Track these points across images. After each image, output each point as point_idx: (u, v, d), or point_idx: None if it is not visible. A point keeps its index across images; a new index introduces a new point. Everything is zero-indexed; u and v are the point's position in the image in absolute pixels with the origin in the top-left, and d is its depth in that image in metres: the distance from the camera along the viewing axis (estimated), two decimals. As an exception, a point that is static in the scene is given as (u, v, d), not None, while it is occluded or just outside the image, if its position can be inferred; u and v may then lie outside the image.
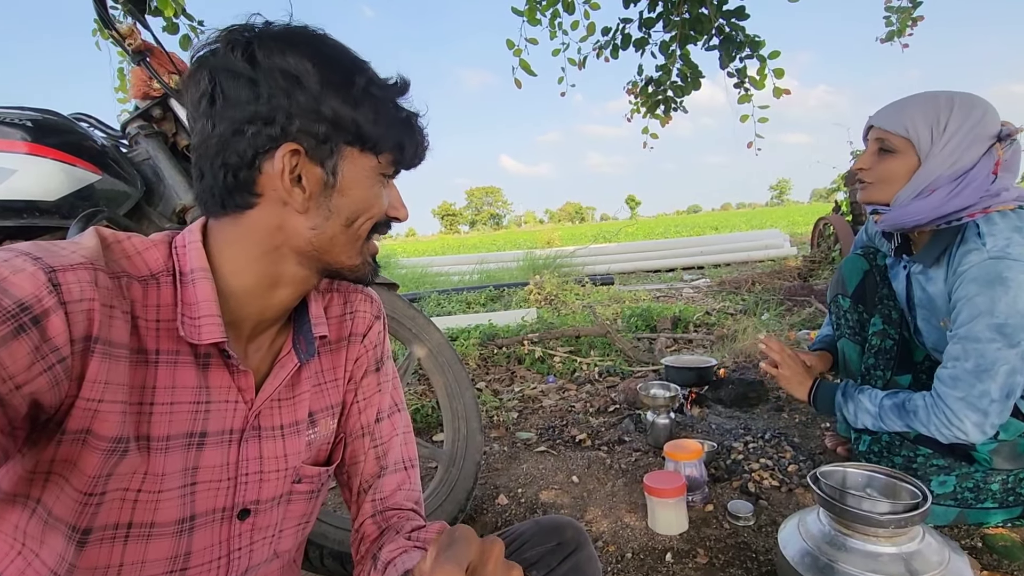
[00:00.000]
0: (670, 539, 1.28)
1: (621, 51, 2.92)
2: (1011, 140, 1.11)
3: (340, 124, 0.53)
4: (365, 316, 0.72)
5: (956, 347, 1.11)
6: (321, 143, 0.53)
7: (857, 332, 1.44)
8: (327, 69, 0.52)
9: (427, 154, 0.63)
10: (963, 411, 1.09)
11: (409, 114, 0.59)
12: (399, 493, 0.71)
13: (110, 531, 0.51)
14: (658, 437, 1.75)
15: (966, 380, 1.08)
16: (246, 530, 0.60)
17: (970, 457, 1.20)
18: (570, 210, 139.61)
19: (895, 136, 1.14)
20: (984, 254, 1.06)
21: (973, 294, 1.07)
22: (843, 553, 0.95)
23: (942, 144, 1.10)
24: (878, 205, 1.21)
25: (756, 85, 2.69)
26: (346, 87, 0.53)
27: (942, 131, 1.10)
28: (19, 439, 0.44)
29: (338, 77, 0.53)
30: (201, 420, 0.55)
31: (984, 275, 1.06)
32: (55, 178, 1.04)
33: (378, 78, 0.56)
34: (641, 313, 3.55)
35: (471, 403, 1.48)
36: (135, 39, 1.14)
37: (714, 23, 2.58)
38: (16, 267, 0.43)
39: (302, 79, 0.51)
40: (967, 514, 1.21)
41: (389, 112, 0.56)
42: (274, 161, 0.52)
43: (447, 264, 8.75)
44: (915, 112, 1.12)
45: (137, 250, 0.54)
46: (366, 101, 0.54)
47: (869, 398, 1.26)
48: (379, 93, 0.55)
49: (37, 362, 0.42)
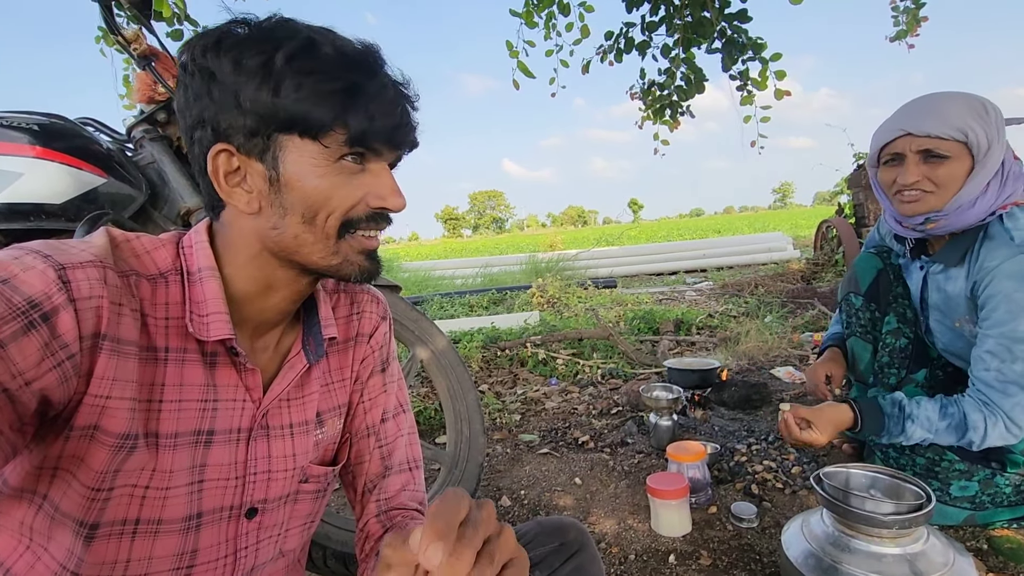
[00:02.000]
0: (673, 541, 1.27)
1: (625, 55, 2.93)
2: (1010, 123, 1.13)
3: (262, 112, 0.49)
4: (372, 317, 0.72)
5: (999, 347, 1.06)
6: (251, 137, 0.50)
7: (869, 331, 1.42)
8: (243, 56, 0.48)
9: (407, 120, 0.53)
10: (1021, 417, 1.06)
11: (354, 80, 0.49)
12: (403, 493, 0.71)
13: (118, 527, 0.51)
14: (661, 439, 1.75)
15: (1020, 384, 1.05)
16: (253, 529, 0.60)
17: (1006, 461, 1.17)
18: (573, 214, 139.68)
19: (948, 141, 1.08)
20: (1014, 248, 1.05)
21: (1011, 290, 1.04)
22: (847, 554, 0.95)
23: (998, 141, 1.08)
24: (931, 214, 1.14)
25: (758, 86, 2.71)
26: (263, 70, 0.48)
27: (995, 130, 1.08)
28: (27, 435, 0.45)
29: (253, 61, 0.48)
30: (208, 418, 0.55)
31: (1021, 270, 1.04)
32: (61, 181, 1.05)
33: (305, 49, 0.48)
34: (644, 316, 3.55)
35: (474, 405, 1.48)
36: (140, 44, 1.15)
37: (716, 26, 2.59)
38: (26, 264, 0.43)
39: (216, 74, 0.49)
40: (977, 515, 1.20)
41: (318, 85, 0.48)
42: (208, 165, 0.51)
43: (450, 268, 8.76)
44: (963, 114, 1.07)
45: (146, 249, 0.54)
46: (286, 80, 0.48)
47: (922, 425, 1.15)
48: (302, 66, 0.48)
49: (46, 358, 0.43)
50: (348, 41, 0.51)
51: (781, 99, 2.66)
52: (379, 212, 0.55)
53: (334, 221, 0.53)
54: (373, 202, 0.54)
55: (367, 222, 0.55)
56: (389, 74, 0.53)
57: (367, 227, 0.55)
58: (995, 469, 1.18)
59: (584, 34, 2.87)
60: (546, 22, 2.85)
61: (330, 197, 0.52)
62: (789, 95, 2.64)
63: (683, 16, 2.67)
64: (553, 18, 2.86)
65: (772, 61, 2.66)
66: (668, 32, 2.76)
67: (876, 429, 1.20)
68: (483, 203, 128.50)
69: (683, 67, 2.83)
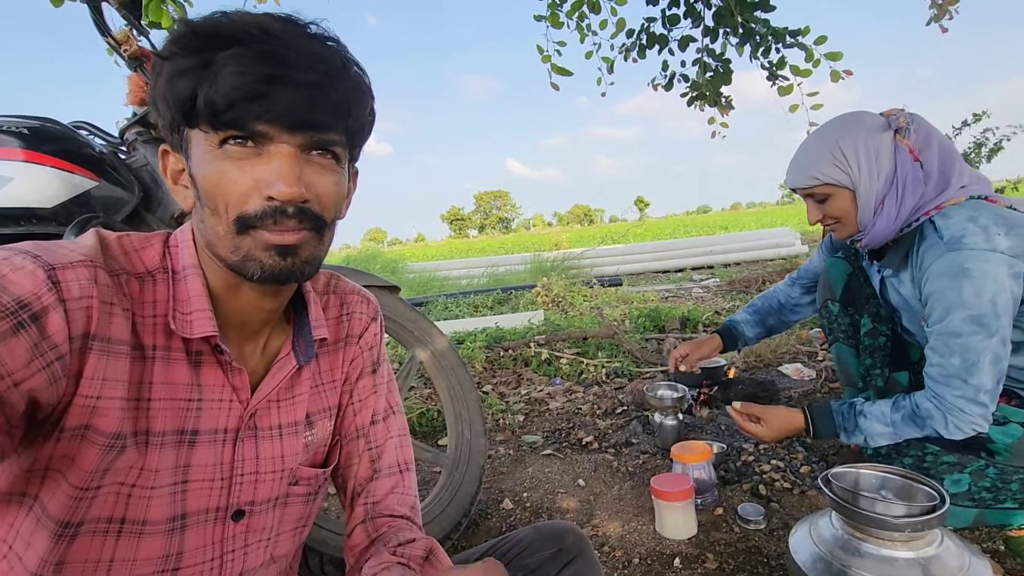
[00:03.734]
0: (678, 544, 1.25)
1: (648, 50, 2.86)
2: (905, 127, 1.15)
3: (164, 107, 0.48)
4: (362, 318, 0.72)
5: (938, 343, 1.11)
6: (172, 133, 0.51)
7: (851, 335, 1.44)
8: (161, 52, 0.48)
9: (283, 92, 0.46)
10: (968, 407, 1.08)
11: (208, 57, 0.45)
12: (392, 497, 0.70)
13: (103, 524, 0.51)
14: (666, 439, 1.72)
15: (959, 377, 1.08)
16: (240, 532, 0.59)
17: (989, 450, 1.17)
18: (578, 212, 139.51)
19: (816, 188, 1.20)
20: (943, 247, 1.08)
21: (942, 288, 1.08)
22: (857, 558, 0.92)
23: (856, 169, 1.16)
24: (853, 236, 1.24)
25: (802, 74, 2.58)
26: (162, 64, 0.47)
27: (846, 160, 1.16)
28: (16, 437, 0.44)
29: (163, 54, 0.47)
30: (192, 418, 0.54)
31: (947, 268, 1.07)
32: (52, 185, 1.04)
33: (184, 34, 0.46)
34: (649, 314, 3.51)
35: (475, 406, 1.46)
36: (131, 45, 1.14)
37: (737, 16, 2.53)
38: (16, 265, 0.43)
39: (155, 74, 0.50)
40: (988, 515, 1.16)
41: (177, 66, 0.46)
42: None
43: (455, 268, 8.75)
44: (816, 161, 1.18)
45: (134, 247, 0.54)
46: (167, 68, 0.47)
47: (877, 418, 1.19)
48: (174, 51, 0.46)
49: (35, 359, 0.42)
50: (231, 19, 0.47)
51: (837, 81, 2.49)
52: (275, 205, 0.48)
53: (231, 212, 0.48)
54: (263, 190, 0.48)
55: (264, 219, 0.48)
56: (269, 43, 0.46)
57: (265, 226, 0.48)
58: (985, 459, 1.17)
59: (620, 27, 2.82)
60: (578, 24, 2.81)
61: (218, 185, 0.48)
62: (851, 74, 2.47)
63: (710, 4, 2.62)
64: (585, 18, 2.81)
65: (816, 45, 2.51)
66: (693, 24, 2.70)
67: (830, 429, 1.25)
68: (489, 203, 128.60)
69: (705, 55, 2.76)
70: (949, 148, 1.16)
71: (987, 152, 4.79)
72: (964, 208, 1.10)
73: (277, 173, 0.48)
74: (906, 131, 1.15)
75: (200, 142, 0.49)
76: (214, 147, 0.48)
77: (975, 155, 4.94)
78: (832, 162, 1.17)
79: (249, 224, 0.49)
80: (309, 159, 0.50)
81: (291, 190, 0.48)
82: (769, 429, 1.32)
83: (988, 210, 1.09)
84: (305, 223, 0.50)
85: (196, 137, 0.49)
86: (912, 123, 1.16)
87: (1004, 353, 1.07)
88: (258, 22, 0.47)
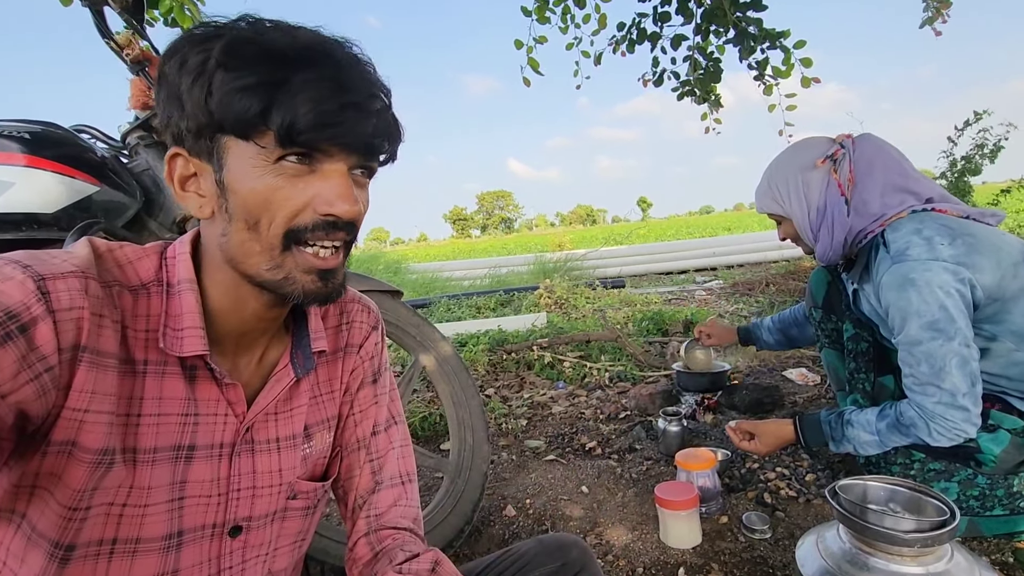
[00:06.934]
0: (683, 553, 1.23)
1: (637, 45, 2.92)
2: (841, 158, 1.21)
3: (200, 114, 0.47)
4: (362, 327, 0.70)
5: (904, 353, 1.13)
6: (197, 139, 0.49)
7: (835, 340, 1.48)
8: (188, 56, 0.46)
9: (353, 117, 0.47)
10: (948, 412, 1.08)
11: (279, 76, 0.45)
12: (395, 509, 0.69)
13: (94, 547, 0.50)
14: (670, 445, 1.71)
15: (932, 383, 1.09)
16: (238, 548, 0.58)
17: (978, 460, 1.15)
18: (581, 213, 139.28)
19: (769, 214, 1.36)
20: (889, 260, 1.13)
21: (894, 299, 1.11)
22: (865, 573, 0.90)
23: (787, 202, 1.29)
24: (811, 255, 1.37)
25: (781, 75, 2.65)
26: (198, 69, 0.46)
27: (778, 193, 1.30)
28: (5, 451, 0.44)
29: (193, 61, 0.46)
30: (189, 433, 0.53)
31: (894, 280, 1.11)
32: (53, 190, 1.03)
33: (234, 45, 0.46)
34: (652, 317, 3.50)
35: (477, 411, 1.45)
36: (133, 49, 1.14)
37: (730, 16, 2.54)
38: (5, 275, 0.43)
39: (169, 76, 0.48)
40: (979, 523, 1.15)
41: (238, 82, 0.45)
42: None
43: (458, 269, 8.74)
44: (759, 193, 1.35)
45: (129, 259, 0.53)
46: (215, 78, 0.45)
47: (864, 427, 1.20)
48: (229, 62, 0.45)
49: (23, 371, 0.42)
50: (288, 35, 0.47)
51: (808, 87, 2.58)
52: (329, 220, 0.49)
53: (277, 228, 0.49)
54: (320, 207, 0.49)
55: (316, 232, 0.49)
56: (334, 68, 0.47)
57: (316, 237, 0.50)
58: (973, 468, 1.16)
59: (602, 24, 2.86)
60: (562, 16, 2.85)
61: (269, 201, 0.48)
62: (818, 82, 2.56)
63: (701, 3, 2.64)
64: (569, 11, 2.86)
65: (796, 49, 2.59)
66: (685, 20, 2.72)
67: (820, 438, 1.29)
68: (491, 203, 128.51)
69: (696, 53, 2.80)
70: (897, 170, 1.21)
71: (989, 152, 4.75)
72: (911, 221, 1.15)
73: (336, 192, 0.49)
74: (841, 162, 1.22)
75: (247, 155, 0.48)
76: (268, 162, 0.48)
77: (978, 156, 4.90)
78: (770, 196, 1.32)
79: (299, 238, 0.50)
80: (354, 177, 0.52)
81: (353, 208, 0.50)
82: (762, 444, 1.36)
83: (933, 221, 1.12)
84: (349, 236, 0.53)
85: (240, 149, 0.48)
86: (853, 151, 1.22)
87: (969, 355, 1.06)
88: (319, 43, 0.48)
